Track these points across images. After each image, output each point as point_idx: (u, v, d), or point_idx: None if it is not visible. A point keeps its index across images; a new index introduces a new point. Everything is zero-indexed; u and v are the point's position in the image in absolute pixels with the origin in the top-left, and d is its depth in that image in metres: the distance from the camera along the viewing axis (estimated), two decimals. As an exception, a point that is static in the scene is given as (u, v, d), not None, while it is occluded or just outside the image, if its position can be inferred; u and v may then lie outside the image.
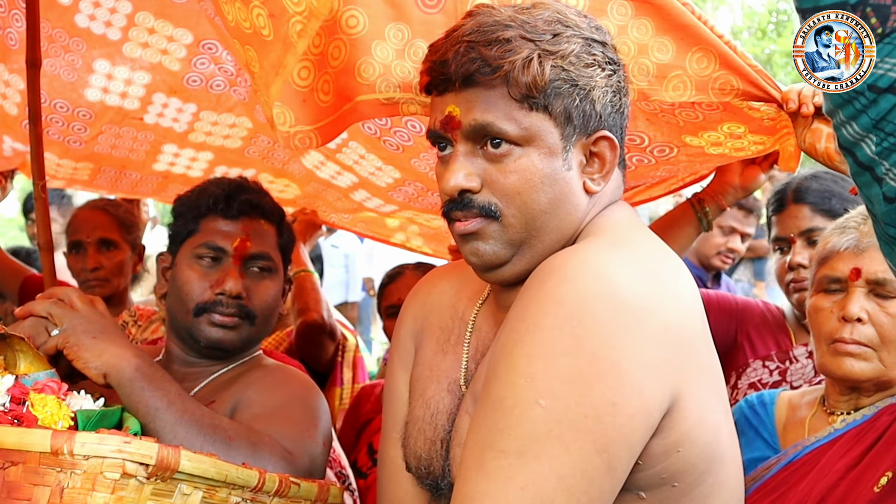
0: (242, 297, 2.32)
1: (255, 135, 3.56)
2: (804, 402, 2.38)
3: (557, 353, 1.45)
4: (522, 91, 1.61)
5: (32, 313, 2.09)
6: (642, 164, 2.56)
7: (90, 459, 1.62)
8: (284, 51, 1.88)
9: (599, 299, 1.47)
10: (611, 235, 1.65)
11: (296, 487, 1.96)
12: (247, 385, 2.30)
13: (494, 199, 1.65)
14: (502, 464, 1.44)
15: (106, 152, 3.73)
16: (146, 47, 3.19)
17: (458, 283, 1.98)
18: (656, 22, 2.02)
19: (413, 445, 1.86)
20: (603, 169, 1.71)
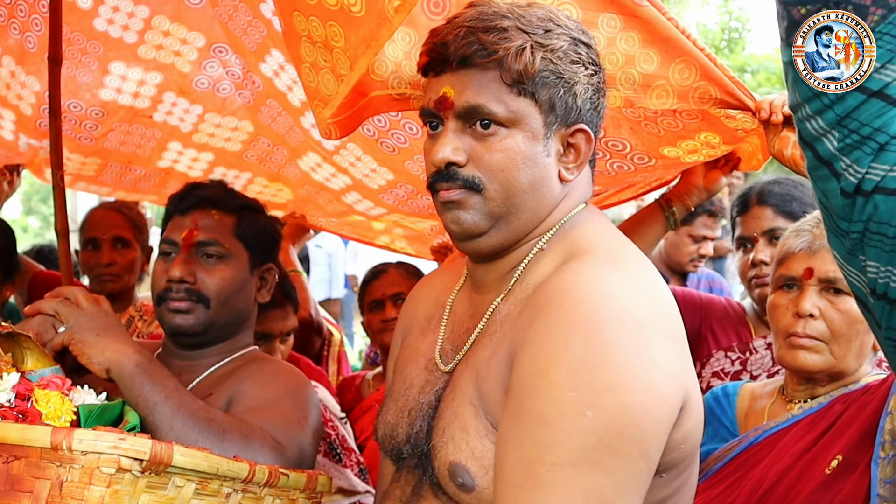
0: (189, 281, 2.35)
1: (255, 138, 3.62)
2: (765, 392, 2.46)
3: (593, 368, 1.48)
4: (514, 77, 1.66)
5: (41, 311, 2.14)
6: (622, 170, 2.62)
7: (87, 455, 1.64)
8: (379, 25, 1.87)
9: (617, 318, 1.53)
10: (603, 252, 1.70)
11: (285, 478, 1.98)
12: (242, 379, 2.33)
13: (478, 174, 1.70)
14: (559, 476, 1.46)
15: (114, 148, 3.79)
16: (160, 49, 3.26)
17: (447, 279, 2.03)
18: (643, 35, 2.09)
19: (384, 414, 1.91)
20: (577, 159, 1.76)
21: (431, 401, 1.78)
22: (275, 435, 2.15)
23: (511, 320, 1.69)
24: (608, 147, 2.51)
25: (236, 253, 2.45)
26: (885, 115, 1.30)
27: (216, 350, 2.46)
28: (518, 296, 1.73)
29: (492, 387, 1.64)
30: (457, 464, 1.63)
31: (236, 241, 2.46)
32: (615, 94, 2.20)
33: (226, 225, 2.46)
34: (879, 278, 1.37)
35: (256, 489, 1.94)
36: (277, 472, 1.98)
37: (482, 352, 1.71)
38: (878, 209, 1.33)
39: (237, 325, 2.48)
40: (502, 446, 1.55)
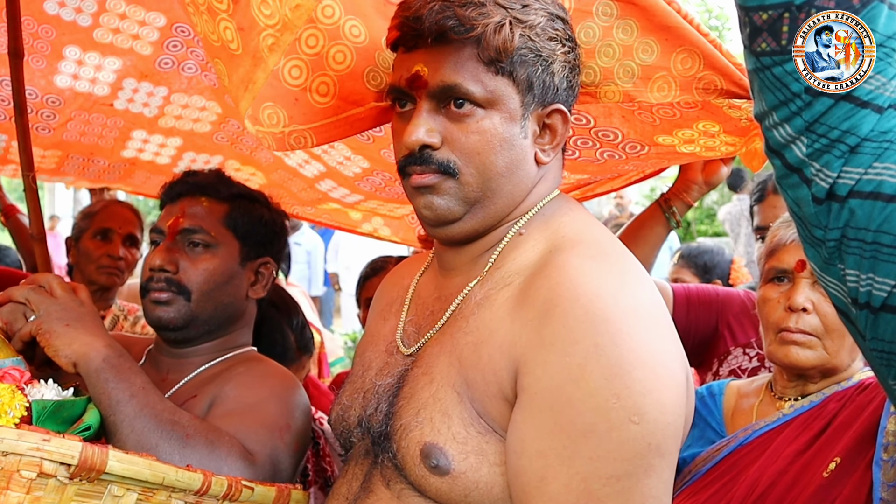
0: (169, 269, 2.20)
1: (224, 119, 3.44)
2: (752, 389, 2.38)
3: (629, 370, 1.44)
4: (491, 55, 1.60)
5: (11, 299, 2.00)
6: (612, 158, 2.50)
7: (8, 456, 1.49)
8: (254, 66, 1.77)
9: (632, 312, 1.50)
10: (593, 244, 1.64)
11: (248, 491, 1.82)
12: (227, 380, 2.17)
13: (454, 157, 1.64)
14: (616, 489, 1.43)
15: (75, 139, 3.61)
16: (117, 33, 3.07)
17: (414, 265, 1.98)
18: (641, 23, 1.96)
19: (340, 397, 1.86)
20: (553, 140, 1.71)
21: (391, 383, 1.72)
22: (247, 443, 1.98)
23: (492, 306, 1.63)
24: (598, 137, 2.38)
25: (224, 243, 2.28)
26: (853, 117, 1.28)
27: (207, 348, 2.30)
28: (496, 280, 1.67)
29: (483, 377, 1.56)
30: (433, 445, 1.55)
31: (226, 230, 2.29)
32: (613, 89, 2.07)
33: (215, 213, 2.29)
34: (861, 287, 1.32)
35: (213, 502, 1.77)
36: (239, 484, 1.80)
37: (461, 336, 1.64)
38: (854, 214, 1.30)
39: (226, 321, 2.30)
40: (540, 461, 1.47)
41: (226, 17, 1.79)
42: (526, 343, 1.51)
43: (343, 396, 1.85)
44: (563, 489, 1.45)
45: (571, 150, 2.46)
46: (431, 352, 1.68)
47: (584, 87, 2.06)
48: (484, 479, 1.53)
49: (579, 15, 1.92)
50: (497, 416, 1.54)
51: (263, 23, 1.71)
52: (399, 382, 1.70)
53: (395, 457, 1.61)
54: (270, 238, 2.39)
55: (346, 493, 1.74)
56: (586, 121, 2.27)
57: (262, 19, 1.71)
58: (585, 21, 1.93)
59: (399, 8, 1.69)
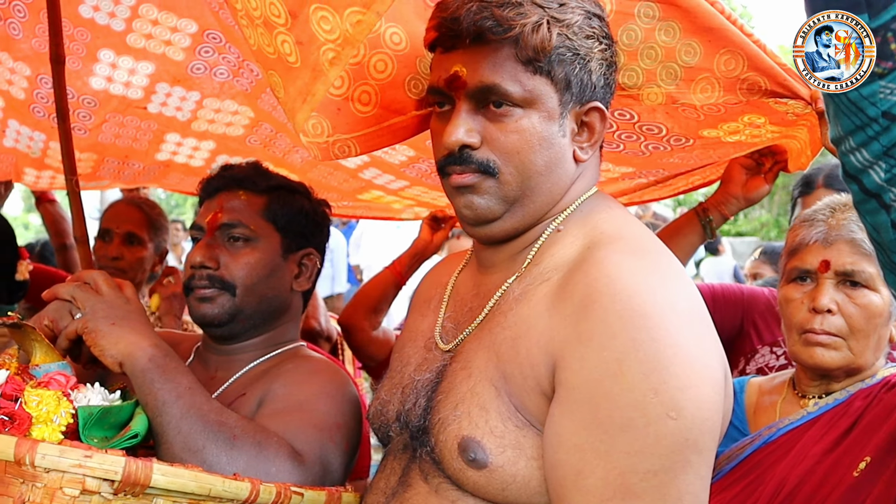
0: (210, 266, 2.16)
1: (257, 123, 3.41)
2: (773, 386, 2.33)
3: (667, 365, 1.42)
4: (529, 54, 1.58)
5: (57, 296, 1.95)
6: (658, 150, 2.46)
7: (50, 473, 1.45)
8: (313, 79, 1.74)
9: (671, 308, 1.48)
10: (632, 241, 1.63)
11: (297, 497, 1.75)
12: (275, 378, 2.11)
13: (493, 157, 1.63)
14: (652, 483, 1.42)
15: (110, 142, 3.61)
16: (150, 38, 3.07)
17: (452, 263, 1.97)
18: (684, 24, 1.93)
19: (378, 392, 1.86)
20: (591, 138, 1.70)
21: (430, 378, 1.72)
22: (296, 443, 1.91)
23: (530, 301, 1.62)
24: (642, 130, 2.34)
25: (265, 235, 2.22)
26: None
27: (254, 344, 2.25)
28: (535, 276, 1.66)
29: (521, 371, 1.56)
30: (471, 439, 1.55)
31: (265, 222, 2.23)
32: (656, 91, 2.05)
33: (254, 206, 2.24)
34: None
35: None
36: (288, 490, 1.74)
37: (500, 331, 1.63)
38: None
39: (271, 316, 2.25)
40: (577, 455, 1.46)
41: (283, 31, 1.77)
42: (564, 338, 1.50)
43: (382, 391, 1.85)
44: (599, 483, 1.43)
45: (616, 144, 2.43)
46: (470, 347, 1.67)
47: (626, 89, 2.04)
48: (521, 472, 1.52)
49: (621, 17, 1.89)
50: (534, 411, 1.53)
51: (323, 37, 1.69)
52: (437, 378, 1.69)
53: (434, 451, 1.61)
54: (312, 228, 2.33)
55: (384, 487, 1.73)
56: (630, 116, 2.23)
57: (322, 34, 1.69)
58: (627, 23, 1.90)
59: (436, 9, 1.68)
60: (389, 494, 1.70)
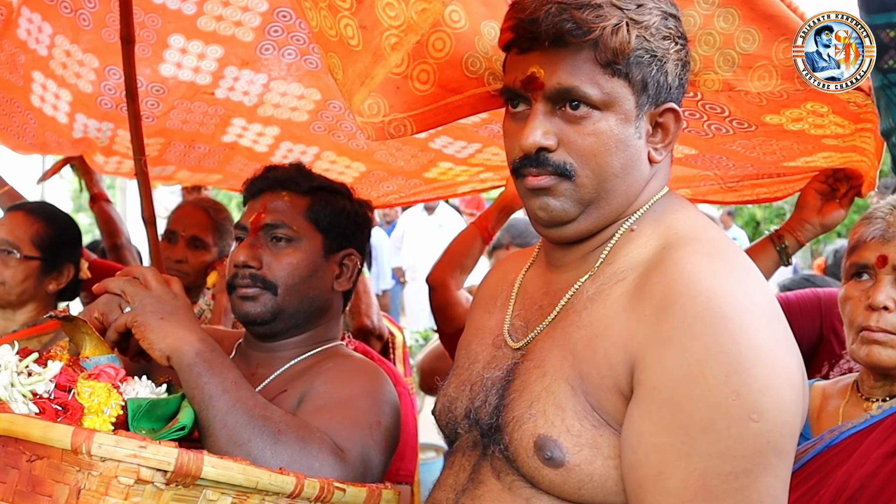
0: (253, 265, 2.19)
1: (324, 105, 3.42)
2: (836, 390, 2.30)
3: (748, 367, 1.42)
4: (608, 56, 1.57)
5: (107, 290, 1.99)
6: (720, 132, 2.44)
7: (106, 462, 1.47)
8: (374, 62, 1.75)
9: (750, 310, 1.47)
10: (708, 242, 1.62)
11: (340, 493, 1.77)
12: (317, 375, 2.14)
13: (570, 159, 1.62)
14: (734, 486, 1.42)
15: (177, 127, 3.65)
16: (220, 20, 3.08)
17: (518, 261, 1.97)
18: (743, 11, 1.91)
19: (445, 388, 1.86)
20: (666, 139, 1.69)
21: (500, 376, 1.71)
22: (338, 440, 1.94)
23: (606, 301, 1.61)
24: (705, 109, 2.31)
25: (307, 236, 2.25)
26: None
27: (296, 342, 2.27)
28: (609, 276, 1.65)
29: (598, 371, 1.55)
30: (547, 437, 1.54)
31: (308, 223, 2.26)
32: (713, 78, 2.04)
33: (297, 207, 2.26)
34: None
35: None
36: (331, 486, 1.76)
37: (574, 331, 1.62)
38: None
39: (313, 315, 2.28)
40: (657, 455, 1.46)
41: (348, 15, 1.77)
42: (643, 338, 1.50)
43: (449, 388, 1.85)
44: (680, 484, 1.43)
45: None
46: (542, 345, 1.67)
47: None
48: (598, 471, 1.52)
49: (680, 3, 1.86)
50: (612, 410, 1.53)
51: (388, 23, 1.69)
52: (508, 375, 1.69)
53: (507, 449, 1.60)
54: (353, 229, 2.36)
55: (453, 483, 1.73)
56: (693, 94, 2.21)
57: (387, 20, 1.69)
58: (686, 9, 1.87)
59: (512, 9, 1.67)
60: (459, 491, 1.70)
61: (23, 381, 1.66)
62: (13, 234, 3.11)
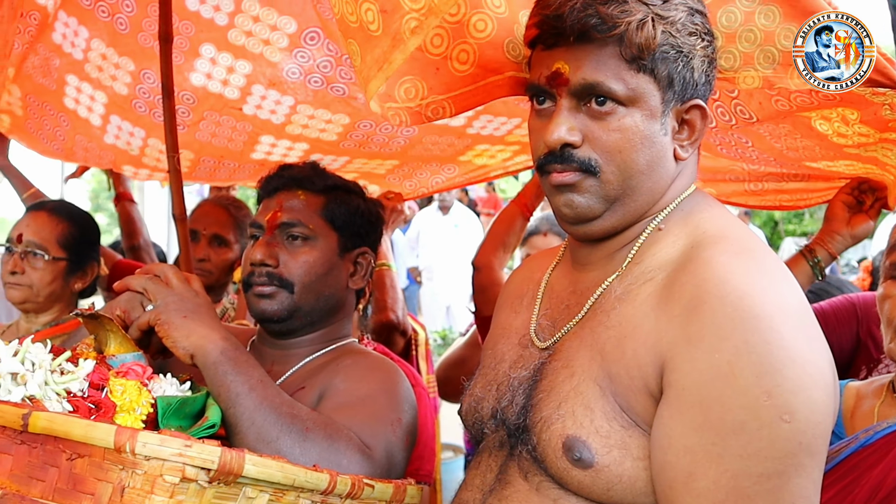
0: (270, 264, 2.19)
1: (353, 127, 3.44)
2: (871, 390, 2.28)
3: (780, 368, 1.41)
4: (634, 52, 1.57)
5: (129, 288, 2.00)
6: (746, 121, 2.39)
7: (151, 460, 1.48)
8: (392, 47, 1.77)
9: (781, 310, 1.46)
10: (737, 241, 1.60)
11: (369, 489, 1.79)
12: (335, 372, 2.14)
13: (595, 155, 1.61)
14: (766, 487, 1.41)
15: (206, 140, 3.67)
16: (250, 36, 3.11)
17: (544, 260, 1.96)
18: (784, 8, 1.88)
19: (471, 388, 1.86)
20: (692, 136, 1.68)
21: (526, 376, 1.71)
22: (363, 436, 1.95)
23: (634, 301, 1.60)
24: (735, 111, 2.29)
25: (323, 235, 2.26)
26: None
27: (310, 339, 2.28)
28: (637, 275, 1.65)
29: (627, 371, 1.54)
30: (576, 438, 1.54)
31: (323, 222, 2.27)
32: (752, 75, 2.00)
33: (312, 205, 2.28)
34: None
35: (337, 501, 1.75)
36: (361, 482, 1.78)
37: (603, 331, 1.62)
38: None
39: (328, 313, 2.29)
40: (688, 457, 1.45)
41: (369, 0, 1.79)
42: (672, 339, 1.49)
43: (475, 388, 1.84)
44: (711, 486, 1.42)
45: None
46: (570, 345, 1.66)
47: (723, 72, 2.02)
48: (627, 473, 1.51)
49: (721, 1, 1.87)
50: (641, 411, 1.52)
51: (408, 6, 1.70)
52: (535, 375, 1.68)
53: (535, 449, 1.59)
54: (367, 228, 2.37)
55: (479, 484, 1.72)
56: (731, 89, 2.20)
57: (407, 3, 1.70)
58: (727, 5, 1.87)
59: (537, 6, 1.67)
60: (486, 491, 1.69)
61: (56, 379, 1.66)
62: (39, 235, 3.10)
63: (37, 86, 3.55)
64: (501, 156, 3.75)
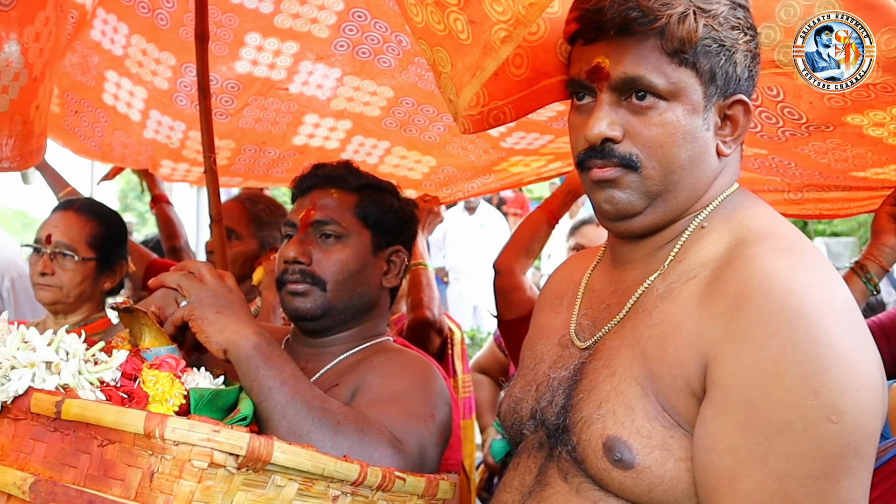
0: (303, 261, 2.21)
1: (396, 102, 3.44)
2: None
3: (827, 367, 1.37)
4: (675, 45, 1.55)
5: (164, 284, 2.00)
6: (794, 136, 2.38)
7: (179, 445, 1.49)
8: (484, 55, 1.75)
9: (829, 308, 1.42)
10: (782, 239, 1.56)
11: (401, 482, 1.79)
12: (369, 369, 2.15)
13: (636, 150, 1.60)
14: (812, 489, 1.38)
15: (249, 126, 3.68)
16: (297, 18, 3.12)
17: (584, 260, 1.95)
18: (844, 1, 1.83)
19: (511, 389, 1.85)
20: (735, 132, 1.66)
21: (566, 376, 1.70)
22: (395, 431, 1.95)
23: (677, 299, 1.58)
24: (783, 113, 2.26)
25: (356, 233, 2.27)
26: None
27: (344, 338, 2.29)
28: (679, 274, 1.62)
29: (670, 370, 1.52)
30: (617, 438, 1.52)
31: (356, 220, 2.28)
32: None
33: (345, 203, 2.29)
34: None
35: (368, 493, 1.74)
36: (392, 475, 1.77)
37: (644, 329, 1.59)
38: None
39: (361, 311, 2.30)
40: (731, 457, 1.42)
41: (456, 10, 1.78)
42: (716, 337, 1.46)
43: (514, 389, 1.83)
44: (756, 487, 1.40)
45: (754, 123, 2.35)
46: (611, 345, 1.64)
47: (781, 67, 1.98)
48: (669, 474, 1.49)
49: None
50: (683, 411, 1.50)
51: (496, 17, 1.68)
52: (576, 375, 1.67)
53: (575, 450, 1.58)
54: (400, 227, 2.37)
55: (518, 485, 1.71)
56: (776, 92, 2.16)
57: (495, 14, 1.68)
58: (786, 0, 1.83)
59: (577, 0, 1.66)
60: (525, 493, 1.68)
61: (90, 368, 1.66)
62: (68, 235, 3.10)
63: (75, 83, 3.58)
64: (535, 164, 3.74)
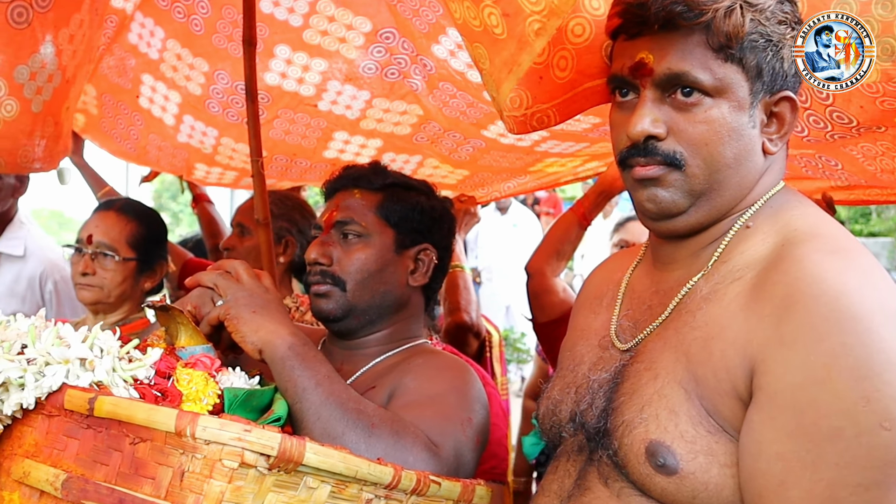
0: (323, 262, 2.20)
1: (425, 121, 3.44)
2: None
3: (880, 372, 1.33)
4: (721, 40, 1.51)
5: (200, 283, 2.00)
6: (843, 138, 2.32)
7: (210, 445, 1.47)
8: (519, 49, 1.74)
9: (880, 310, 1.37)
10: (830, 239, 1.52)
11: (436, 486, 1.75)
12: (405, 372, 2.12)
13: (680, 148, 1.56)
14: (864, 498, 1.33)
15: (280, 138, 3.69)
16: (325, 35, 3.13)
17: (624, 260, 1.91)
18: None
19: (549, 391, 1.81)
20: (781, 129, 1.61)
21: (606, 378, 1.66)
22: (431, 435, 1.92)
23: (722, 301, 1.53)
24: (832, 117, 2.20)
25: (377, 232, 2.24)
26: None
27: (378, 339, 2.26)
28: (724, 274, 1.57)
29: (714, 374, 1.47)
30: (660, 443, 1.48)
31: (378, 219, 2.26)
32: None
33: (367, 203, 2.27)
34: None
35: (402, 497, 1.71)
36: (427, 479, 1.74)
37: (688, 332, 1.55)
38: None
39: (388, 310, 2.26)
40: (780, 464, 1.38)
41: (490, 4, 1.77)
42: (763, 340, 1.42)
43: (553, 391, 1.79)
44: (805, 495, 1.36)
45: (801, 127, 2.31)
46: (653, 347, 1.60)
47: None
48: (713, 480, 1.45)
49: None
50: (729, 416, 1.46)
51: (529, 9, 1.68)
52: (616, 378, 1.63)
53: (616, 454, 1.55)
54: (429, 225, 2.33)
55: (557, 490, 1.68)
56: (826, 95, 2.12)
57: (528, 6, 1.68)
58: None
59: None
60: (564, 497, 1.66)
61: (124, 366, 1.66)
62: (109, 235, 3.12)
63: (112, 85, 3.61)
64: (571, 164, 3.71)
